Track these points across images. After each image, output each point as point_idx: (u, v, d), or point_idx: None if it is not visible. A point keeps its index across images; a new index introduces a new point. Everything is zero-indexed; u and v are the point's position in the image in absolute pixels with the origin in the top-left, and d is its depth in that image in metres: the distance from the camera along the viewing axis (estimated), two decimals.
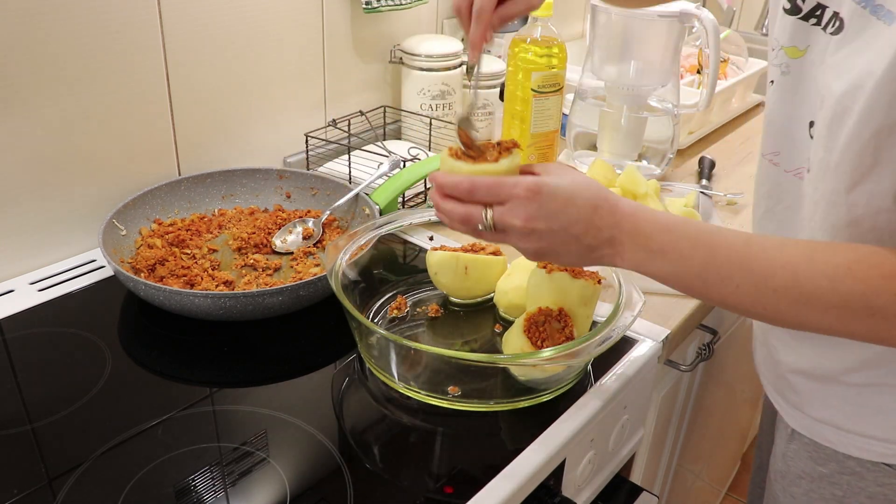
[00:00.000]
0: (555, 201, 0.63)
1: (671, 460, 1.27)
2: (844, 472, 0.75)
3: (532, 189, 0.63)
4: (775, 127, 0.75)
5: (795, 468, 0.79)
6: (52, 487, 0.66)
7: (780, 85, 0.73)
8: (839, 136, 0.61)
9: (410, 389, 0.78)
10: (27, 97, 0.91)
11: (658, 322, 0.92)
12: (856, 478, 0.74)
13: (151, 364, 0.85)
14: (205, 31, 1.06)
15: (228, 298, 0.83)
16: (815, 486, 0.77)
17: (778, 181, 0.76)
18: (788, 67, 0.72)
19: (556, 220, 0.63)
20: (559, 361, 0.72)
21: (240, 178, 1.11)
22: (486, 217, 0.64)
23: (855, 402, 0.73)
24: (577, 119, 1.30)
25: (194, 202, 1.08)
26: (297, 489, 0.68)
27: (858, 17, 0.61)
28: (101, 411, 0.76)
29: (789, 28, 0.70)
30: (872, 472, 0.73)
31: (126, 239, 0.98)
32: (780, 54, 0.72)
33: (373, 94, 1.37)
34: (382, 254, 1.00)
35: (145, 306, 0.90)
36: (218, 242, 1.03)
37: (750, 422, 1.76)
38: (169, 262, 0.94)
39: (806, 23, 0.69)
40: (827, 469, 0.76)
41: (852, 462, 0.74)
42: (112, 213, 0.96)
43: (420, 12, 1.40)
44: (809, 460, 0.78)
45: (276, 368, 0.85)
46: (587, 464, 0.82)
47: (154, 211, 1.04)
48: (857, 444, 0.73)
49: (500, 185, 0.63)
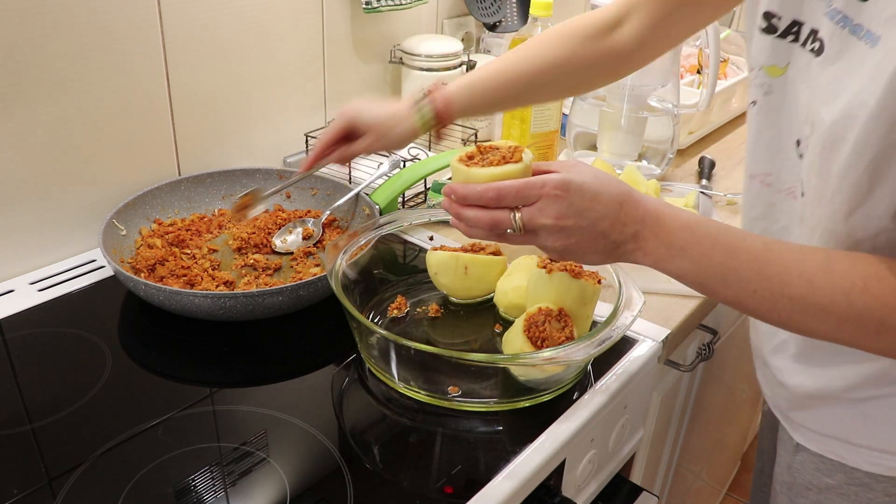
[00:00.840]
0: (583, 198, 0.63)
1: (671, 460, 1.27)
2: (853, 483, 0.74)
3: (560, 187, 0.62)
4: (763, 147, 0.74)
5: (802, 480, 0.78)
6: (52, 487, 0.66)
7: (765, 105, 0.73)
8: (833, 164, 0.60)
9: (410, 389, 0.78)
10: (27, 97, 0.91)
11: (658, 322, 0.92)
12: (865, 489, 0.73)
13: (151, 364, 0.85)
14: (205, 31, 1.06)
15: (229, 298, 0.83)
16: (822, 498, 0.77)
17: (772, 202, 0.75)
18: (771, 87, 0.71)
19: (584, 216, 0.63)
20: (559, 361, 0.72)
21: (240, 178, 1.11)
22: (514, 220, 0.63)
23: (864, 415, 0.72)
24: (577, 119, 1.30)
25: (194, 202, 1.08)
26: (297, 489, 0.68)
27: (838, 37, 0.60)
28: (101, 411, 0.76)
29: (767, 47, 0.70)
30: (882, 482, 0.72)
31: (126, 239, 0.98)
32: (761, 74, 0.72)
33: (373, 94, 1.37)
34: (382, 254, 1.00)
35: (145, 306, 0.90)
36: (218, 242, 1.03)
37: (750, 422, 1.76)
38: (169, 262, 0.94)
39: (784, 40, 0.68)
40: (835, 480, 0.75)
41: (861, 474, 0.73)
42: (112, 213, 0.96)
43: (420, 12, 1.40)
44: (817, 472, 0.77)
45: (276, 368, 0.85)
46: (587, 464, 0.82)
47: (154, 211, 1.04)
48: (868, 458, 0.72)
49: (528, 186, 0.63)
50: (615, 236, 0.64)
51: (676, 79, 1.24)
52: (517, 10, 1.53)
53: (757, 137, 0.75)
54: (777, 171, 0.73)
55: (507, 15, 1.51)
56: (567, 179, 0.63)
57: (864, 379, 0.70)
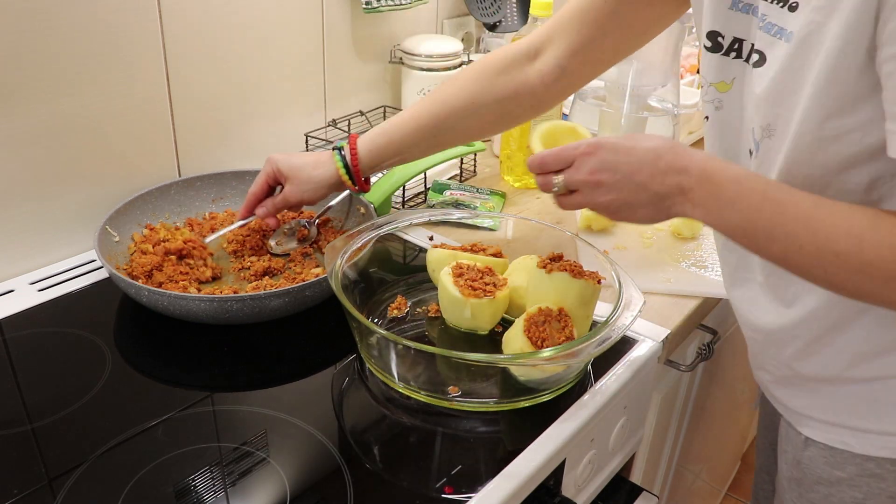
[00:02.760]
0: (615, 153, 0.67)
1: (671, 460, 1.27)
2: (864, 474, 0.74)
3: (592, 145, 0.68)
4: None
5: (811, 475, 0.78)
6: (52, 487, 0.66)
7: (717, 120, 0.74)
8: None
9: (410, 389, 0.78)
10: (27, 97, 0.91)
11: (658, 322, 0.92)
12: (876, 479, 0.73)
13: (151, 364, 0.85)
14: (205, 32, 1.06)
15: (235, 301, 0.82)
16: (833, 491, 0.77)
17: None
18: (721, 102, 0.73)
19: (618, 170, 0.66)
20: (559, 361, 0.72)
21: (229, 181, 1.10)
22: (557, 181, 0.70)
23: (868, 399, 0.72)
24: (577, 119, 1.30)
25: (184, 206, 1.07)
26: (297, 489, 0.68)
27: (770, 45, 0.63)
28: (101, 411, 0.76)
29: (714, 65, 0.72)
30: (892, 472, 0.72)
31: (119, 245, 0.97)
32: (711, 90, 0.73)
33: (373, 94, 1.37)
34: (382, 254, 1.00)
35: (145, 307, 0.90)
36: (212, 246, 1.02)
37: (750, 421, 1.76)
38: (166, 268, 0.93)
39: (727, 58, 0.70)
40: (845, 473, 0.75)
41: (871, 464, 0.73)
42: (105, 219, 0.95)
43: (420, 12, 1.40)
44: (826, 465, 0.77)
45: (276, 369, 0.85)
46: (587, 464, 0.82)
47: (145, 216, 1.03)
48: (876, 442, 0.72)
49: (564, 150, 0.69)
50: (656, 187, 0.65)
51: (676, 79, 1.24)
52: (517, 10, 1.53)
53: (712, 151, 0.77)
54: None
55: (507, 15, 1.51)
56: (599, 140, 0.68)
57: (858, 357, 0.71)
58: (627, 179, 0.66)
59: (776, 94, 0.64)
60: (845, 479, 0.75)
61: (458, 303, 0.83)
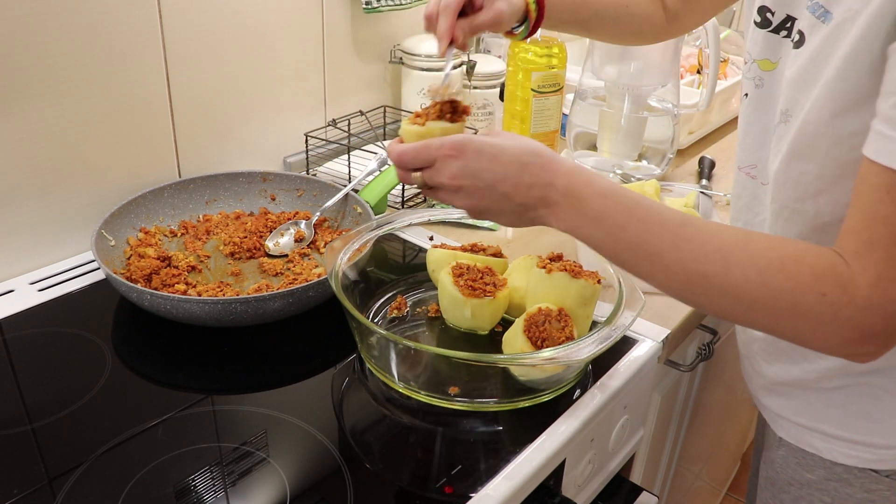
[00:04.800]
0: (479, 159, 0.62)
1: (671, 460, 1.27)
2: (832, 478, 0.74)
3: (457, 147, 0.62)
4: (750, 139, 0.74)
5: (784, 475, 0.79)
6: (52, 487, 0.66)
7: (755, 98, 0.72)
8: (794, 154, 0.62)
9: (410, 389, 0.78)
10: (27, 97, 0.91)
11: (658, 322, 0.92)
12: (843, 484, 0.74)
13: (151, 364, 0.85)
14: (205, 32, 1.06)
15: (238, 303, 0.82)
16: (804, 493, 0.77)
17: (755, 193, 0.75)
18: (762, 80, 0.71)
19: (480, 177, 0.62)
20: (559, 361, 0.72)
21: (223, 183, 1.10)
22: (416, 177, 0.65)
23: (838, 406, 0.72)
24: (577, 119, 1.30)
25: (178, 209, 1.06)
26: (297, 489, 0.68)
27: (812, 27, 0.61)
28: (101, 411, 0.76)
29: (760, 41, 0.70)
30: (860, 478, 0.73)
31: (115, 249, 0.96)
32: (754, 67, 0.71)
33: (373, 94, 1.37)
34: (382, 254, 1.00)
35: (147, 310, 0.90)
36: (209, 248, 1.02)
37: (750, 421, 1.76)
38: (163, 271, 0.93)
39: (777, 35, 0.68)
40: (815, 476, 0.76)
41: (840, 468, 0.74)
42: (100, 223, 0.95)
43: (420, 12, 1.40)
44: (798, 467, 0.77)
45: (276, 369, 0.85)
46: (587, 464, 0.82)
47: (139, 220, 1.02)
48: (844, 450, 0.73)
49: (426, 148, 0.64)
50: (520, 199, 0.62)
51: (676, 79, 1.24)
52: None
53: (746, 130, 0.75)
54: (763, 163, 0.73)
55: None
56: (466, 140, 0.63)
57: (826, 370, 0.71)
58: (490, 188, 0.62)
59: (800, 79, 0.62)
60: (815, 482, 0.76)
61: (458, 303, 0.83)
